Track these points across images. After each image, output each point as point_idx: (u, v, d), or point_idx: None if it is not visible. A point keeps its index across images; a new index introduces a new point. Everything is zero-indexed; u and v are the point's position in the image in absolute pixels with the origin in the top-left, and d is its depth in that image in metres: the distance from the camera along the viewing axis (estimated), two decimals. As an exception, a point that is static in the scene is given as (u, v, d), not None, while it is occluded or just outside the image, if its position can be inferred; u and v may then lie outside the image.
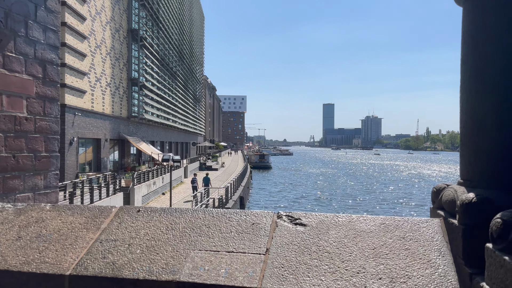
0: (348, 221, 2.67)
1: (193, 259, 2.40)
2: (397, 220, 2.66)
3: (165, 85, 52.82)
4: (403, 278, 2.19)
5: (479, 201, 2.10)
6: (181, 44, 64.64)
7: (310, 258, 2.37)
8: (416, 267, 2.26)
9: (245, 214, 2.79)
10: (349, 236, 2.52)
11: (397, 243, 2.45)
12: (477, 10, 2.40)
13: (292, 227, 2.65)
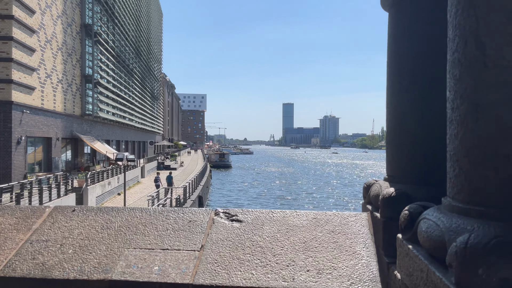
0: (282, 217, 2.77)
1: (127, 257, 2.40)
2: (328, 215, 2.79)
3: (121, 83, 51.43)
4: (329, 269, 2.30)
5: (397, 195, 2.24)
6: (138, 41, 63.18)
7: (244, 253, 2.44)
8: (342, 258, 2.39)
9: (182, 212, 2.81)
10: (282, 231, 2.62)
11: (327, 236, 2.57)
12: (400, 15, 2.56)
13: (228, 223, 2.71)
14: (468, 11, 1.39)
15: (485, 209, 1.30)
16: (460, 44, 1.42)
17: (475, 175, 1.35)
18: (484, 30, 1.33)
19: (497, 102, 1.29)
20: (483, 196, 1.33)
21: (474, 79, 1.36)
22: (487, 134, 1.32)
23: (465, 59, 1.39)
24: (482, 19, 1.34)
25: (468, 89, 1.38)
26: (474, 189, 1.36)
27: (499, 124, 1.29)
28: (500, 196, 1.28)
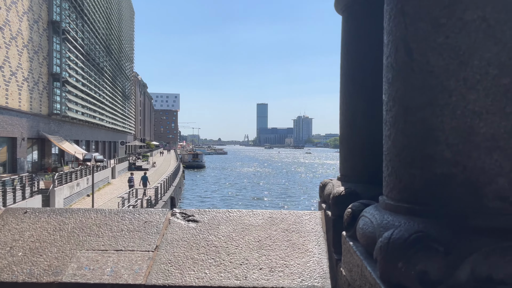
0: (239, 216, 2.80)
1: (79, 259, 2.37)
2: (284, 213, 2.84)
3: (91, 81, 50.26)
4: (281, 267, 2.35)
5: (346, 194, 2.32)
6: (109, 39, 61.91)
7: (198, 253, 2.45)
8: (294, 256, 2.44)
9: (138, 213, 2.80)
10: (238, 230, 2.65)
11: (281, 235, 2.62)
12: (351, 19, 2.64)
13: (184, 223, 2.72)
14: (399, 18, 1.46)
15: (412, 206, 1.37)
16: (392, 49, 1.49)
17: (405, 174, 1.42)
18: (412, 37, 1.40)
19: (423, 105, 1.36)
20: (411, 194, 1.40)
21: (404, 83, 1.43)
22: (415, 135, 1.39)
23: (396, 64, 1.47)
24: (410, 26, 1.41)
25: (399, 93, 1.45)
26: (403, 187, 1.43)
27: (424, 126, 1.36)
28: (426, 193, 1.35)
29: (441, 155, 1.31)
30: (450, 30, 1.30)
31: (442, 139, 1.32)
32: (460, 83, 1.28)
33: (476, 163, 1.26)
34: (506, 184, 1.23)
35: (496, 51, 1.25)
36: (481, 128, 1.25)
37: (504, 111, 1.24)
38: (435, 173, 1.33)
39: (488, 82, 1.25)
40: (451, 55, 1.30)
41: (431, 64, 1.34)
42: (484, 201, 1.25)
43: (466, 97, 1.28)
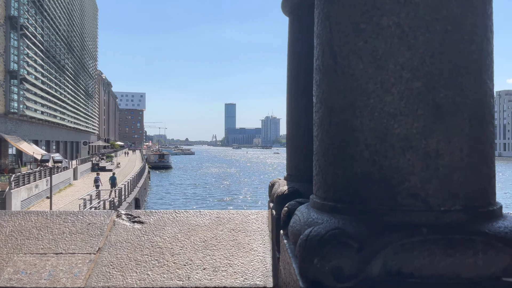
0: (186, 217, 2.79)
1: (16, 263, 2.29)
2: (231, 213, 2.86)
3: (51, 79, 48.50)
4: (225, 266, 2.37)
5: (289, 193, 2.36)
6: (71, 36, 59.98)
7: (142, 254, 2.43)
8: (239, 255, 2.46)
9: (82, 215, 2.74)
10: (184, 231, 2.65)
11: (227, 235, 2.63)
12: (296, 22, 2.70)
13: (129, 225, 2.69)
14: (325, 22, 1.50)
15: (336, 204, 1.42)
16: (320, 52, 1.53)
17: (329, 173, 1.47)
18: (336, 41, 1.45)
19: (345, 106, 1.41)
20: (334, 192, 1.45)
21: (329, 85, 1.48)
22: (338, 136, 1.44)
23: (323, 66, 1.51)
24: (334, 30, 1.46)
25: (325, 94, 1.50)
26: (328, 186, 1.47)
27: (346, 127, 1.41)
28: (347, 192, 1.41)
29: (361, 155, 1.37)
30: (368, 35, 1.36)
31: (361, 139, 1.37)
32: (378, 86, 1.34)
33: (391, 162, 1.32)
34: (417, 183, 1.30)
35: (409, 56, 1.31)
36: (396, 129, 1.32)
37: (416, 113, 1.30)
38: (356, 173, 1.38)
39: (402, 85, 1.31)
40: (370, 59, 1.35)
41: (352, 67, 1.39)
42: (397, 199, 1.31)
43: (383, 99, 1.33)
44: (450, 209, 1.29)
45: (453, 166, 1.30)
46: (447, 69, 1.30)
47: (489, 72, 1.39)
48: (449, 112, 1.30)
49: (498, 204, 1.40)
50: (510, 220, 1.36)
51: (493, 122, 1.42)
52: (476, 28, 1.34)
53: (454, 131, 1.30)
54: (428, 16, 1.30)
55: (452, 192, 1.29)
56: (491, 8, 1.41)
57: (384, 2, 1.33)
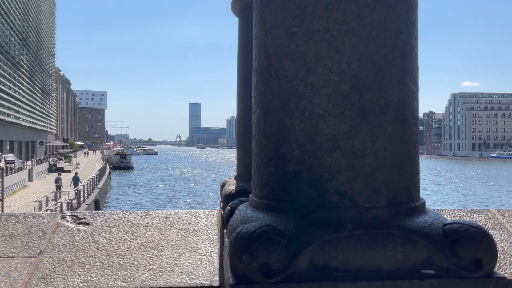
0: (133, 218, 2.76)
1: (-51, 269, 2.19)
2: (181, 213, 2.86)
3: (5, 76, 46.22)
4: (172, 266, 2.36)
5: (237, 192, 2.39)
6: (26, 31, 57.42)
7: (86, 256, 2.38)
8: (186, 255, 2.46)
9: (24, 217, 2.65)
10: (131, 232, 2.61)
11: (175, 235, 2.63)
12: (246, 22, 2.73)
13: (74, 227, 2.62)
14: (261, 25, 1.54)
15: (270, 202, 1.46)
16: (257, 54, 1.57)
17: (264, 172, 1.51)
18: (270, 43, 1.49)
19: (278, 107, 1.46)
20: (269, 191, 1.49)
21: (264, 87, 1.52)
22: (272, 136, 1.48)
23: (259, 68, 1.55)
24: (269, 33, 1.50)
25: (261, 95, 1.54)
26: (263, 185, 1.51)
27: (279, 127, 1.45)
28: (280, 190, 1.45)
29: (292, 154, 1.41)
30: (299, 39, 1.41)
31: (293, 139, 1.42)
32: (308, 88, 1.39)
33: (320, 161, 1.37)
34: (344, 181, 1.36)
35: (337, 60, 1.37)
36: (324, 129, 1.37)
37: (343, 114, 1.36)
38: (288, 171, 1.43)
39: (330, 88, 1.37)
40: (301, 61, 1.40)
41: (284, 69, 1.44)
42: (326, 196, 1.36)
43: (313, 101, 1.39)
44: (374, 205, 1.36)
45: (377, 165, 1.37)
46: (372, 73, 1.37)
47: (413, 76, 1.47)
48: (373, 114, 1.37)
49: (421, 200, 1.49)
50: (431, 215, 1.44)
51: (417, 124, 1.50)
52: (400, 34, 1.42)
53: (378, 131, 1.37)
54: (354, 22, 1.36)
55: (377, 190, 1.36)
56: (415, 16, 1.50)
57: (314, 7, 1.38)
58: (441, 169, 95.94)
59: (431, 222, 1.38)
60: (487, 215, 3.00)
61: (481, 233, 1.30)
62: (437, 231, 1.34)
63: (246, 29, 2.72)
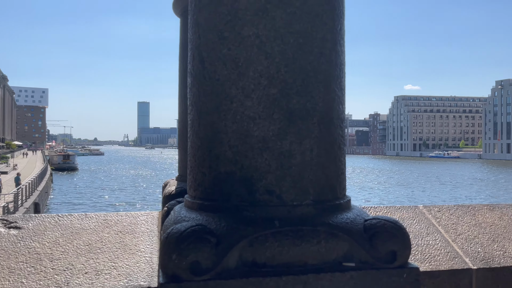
0: (69, 221, 2.68)
1: None
2: (120, 215, 2.81)
3: None
4: (109, 269, 2.32)
5: (176, 193, 2.39)
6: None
7: (17, 262, 2.28)
8: (125, 257, 2.43)
9: None
10: (66, 235, 2.54)
11: (114, 237, 2.58)
12: (186, 23, 2.74)
13: (4, 231, 2.50)
14: (195, 28, 1.57)
15: (203, 202, 1.50)
16: (191, 56, 1.60)
17: (198, 173, 1.54)
18: (204, 47, 1.53)
19: (211, 109, 1.50)
20: (203, 191, 1.52)
21: (198, 89, 1.55)
22: (205, 137, 1.52)
23: (193, 71, 1.58)
24: (203, 36, 1.53)
25: (195, 97, 1.57)
26: (197, 185, 1.54)
27: (212, 129, 1.49)
28: (213, 190, 1.49)
29: (225, 155, 1.46)
30: (231, 43, 1.45)
31: (225, 141, 1.46)
32: (239, 91, 1.44)
33: (251, 162, 1.43)
34: (273, 180, 1.42)
35: (266, 65, 1.43)
36: (255, 131, 1.43)
37: (272, 117, 1.43)
38: (220, 172, 1.47)
39: (260, 92, 1.43)
40: (232, 65, 1.45)
41: (217, 72, 1.48)
42: (256, 195, 1.42)
43: (244, 103, 1.44)
44: (301, 203, 1.43)
45: (304, 165, 1.44)
46: (299, 78, 1.45)
47: (338, 82, 1.56)
48: (300, 117, 1.45)
49: (346, 198, 1.59)
50: (355, 212, 1.55)
51: (342, 126, 1.60)
52: (326, 42, 1.51)
53: (305, 133, 1.45)
54: (283, 29, 1.43)
55: (303, 189, 1.44)
56: (341, 25, 1.60)
57: (245, 14, 1.44)
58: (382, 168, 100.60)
59: (353, 218, 1.48)
60: (415, 211, 3.22)
61: (396, 227, 1.42)
62: (358, 227, 1.44)
63: (187, 30, 2.73)
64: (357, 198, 38.18)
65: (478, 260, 2.71)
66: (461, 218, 3.17)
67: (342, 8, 1.59)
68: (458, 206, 3.32)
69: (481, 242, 2.91)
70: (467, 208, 3.31)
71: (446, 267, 2.60)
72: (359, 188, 51.95)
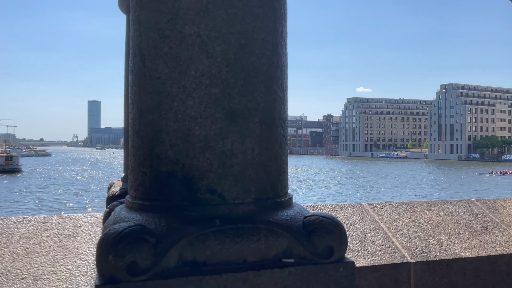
0: (6, 224, 2.54)
1: None
2: (61, 217, 2.71)
3: None
4: (48, 274, 2.23)
5: (120, 193, 2.34)
6: None
7: None
8: (65, 261, 2.34)
9: None
10: (2, 240, 2.40)
11: (54, 241, 2.48)
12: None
13: None
14: (136, 26, 1.55)
15: (143, 202, 1.48)
16: (132, 54, 1.57)
17: (139, 173, 1.52)
18: (144, 44, 1.51)
19: (152, 108, 1.48)
20: (143, 191, 1.50)
21: (139, 87, 1.53)
22: (146, 136, 1.50)
23: (134, 69, 1.55)
24: (144, 34, 1.51)
25: (135, 96, 1.54)
26: (138, 185, 1.52)
27: (153, 128, 1.48)
28: (154, 190, 1.47)
29: (166, 154, 1.45)
30: (172, 42, 1.45)
31: (166, 140, 1.45)
32: (181, 90, 1.44)
33: (192, 161, 1.43)
34: (215, 179, 1.43)
35: (208, 64, 1.44)
36: (197, 130, 1.43)
37: (214, 116, 1.44)
38: (161, 171, 1.45)
39: (202, 91, 1.43)
40: (174, 64, 1.44)
41: (158, 71, 1.47)
42: (197, 194, 1.42)
43: (185, 102, 1.44)
44: (242, 202, 1.45)
45: (246, 164, 1.46)
46: (241, 78, 1.47)
47: (280, 83, 1.60)
48: (242, 116, 1.47)
49: (287, 196, 1.62)
50: (295, 209, 1.59)
51: (284, 126, 1.64)
52: (267, 43, 1.54)
53: (246, 133, 1.47)
54: (224, 29, 1.45)
55: (245, 187, 1.46)
56: (283, 28, 1.63)
57: (186, 13, 1.43)
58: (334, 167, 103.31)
59: (293, 215, 1.51)
60: (360, 209, 3.35)
61: (334, 224, 1.47)
62: (298, 223, 1.48)
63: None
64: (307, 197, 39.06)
65: (416, 254, 2.87)
66: (401, 214, 3.34)
67: (284, 11, 1.62)
68: (399, 203, 3.50)
69: (419, 237, 3.08)
70: (407, 205, 3.48)
71: (386, 261, 2.72)
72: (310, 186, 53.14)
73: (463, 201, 3.66)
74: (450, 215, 3.41)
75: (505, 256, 2.98)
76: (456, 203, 3.60)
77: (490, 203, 3.68)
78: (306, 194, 43.91)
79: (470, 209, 3.53)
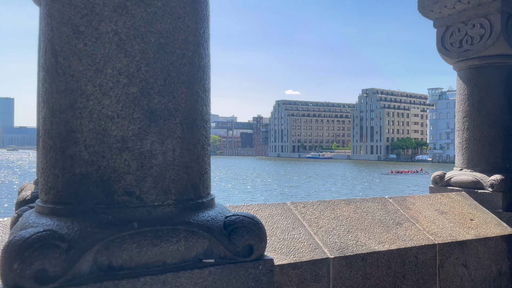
0: None
1: None
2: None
3: None
4: None
5: (32, 198, 2.18)
6: None
7: None
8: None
9: None
10: None
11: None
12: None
13: None
14: (47, 20, 1.46)
15: (55, 206, 1.40)
16: (43, 50, 1.48)
17: (50, 175, 1.43)
18: (57, 40, 1.43)
19: (65, 107, 1.41)
20: (55, 194, 1.42)
21: (51, 85, 1.44)
22: (59, 137, 1.42)
23: (46, 65, 1.47)
24: (56, 29, 1.43)
25: (47, 94, 1.46)
26: (49, 188, 1.43)
27: (66, 128, 1.40)
28: (67, 193, 1.40)
29: (80, 155, 1.38)
30: (88, 38, 1.39)
31: (81, 140, 1.39)
32: (97, 88, 1.39)
33: (108, 162, 1.38)
34: (133, 181, 1.40)
35: (126, 63, 1.40)
36: (113, 130, 1.39)
37: (132, 116, 1.40)
38: (75, 173, 1.39)
39: (119, 90, 1.39)
40: (89, 61, 1.39)
41: (72, 68, 1.40)
42: (114, 197, 1.38)
43: (101, 102, 1.38)
44: (162, 203, 1.43)
45: (166, 165, 1.45)
46: (161, 78, 1.45)
47: (202, 84, 1.60)
48: (162, 117, 1.45)
49: (209, 197, 1.63)
50: (217, 210, 1.60)
51: (206, 127, 1.64)
52: (188, 44, 1.53)
53: (167, 133, 1.46)
54: (143, 28, 1.42)
55: (165, 188, 1.44)
56: (205, 29, 1.64)
57: (103, 9, 1.38)
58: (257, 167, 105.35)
59: (214, 216, 1.53)
60: (284, 208, 3.46)
61: (253, 223, 1.51)
62: (219, 224, 1.49)
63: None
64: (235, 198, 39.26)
65: (335, 249, 3.03)
66: (322, 212, 3.50)
67: (206, 12, 1.63)
68: (321, 202, 3.66)
69: (338, 234, 3.25)
70: (328, 203, 3.66)
71: (307, 258, 2.84)
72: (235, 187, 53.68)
73: (378, 198, 3.93)
74: (366, 212, 3.64)
75: (413, 248, 3.26)
76: (372, 200, 3.85)
77: (401, 200, 4.00)
78: (234, 195, 44.17)
79: (384, 206, 3.81)
